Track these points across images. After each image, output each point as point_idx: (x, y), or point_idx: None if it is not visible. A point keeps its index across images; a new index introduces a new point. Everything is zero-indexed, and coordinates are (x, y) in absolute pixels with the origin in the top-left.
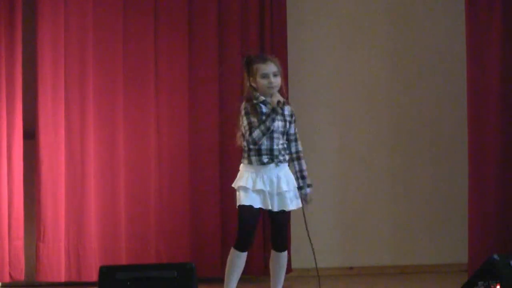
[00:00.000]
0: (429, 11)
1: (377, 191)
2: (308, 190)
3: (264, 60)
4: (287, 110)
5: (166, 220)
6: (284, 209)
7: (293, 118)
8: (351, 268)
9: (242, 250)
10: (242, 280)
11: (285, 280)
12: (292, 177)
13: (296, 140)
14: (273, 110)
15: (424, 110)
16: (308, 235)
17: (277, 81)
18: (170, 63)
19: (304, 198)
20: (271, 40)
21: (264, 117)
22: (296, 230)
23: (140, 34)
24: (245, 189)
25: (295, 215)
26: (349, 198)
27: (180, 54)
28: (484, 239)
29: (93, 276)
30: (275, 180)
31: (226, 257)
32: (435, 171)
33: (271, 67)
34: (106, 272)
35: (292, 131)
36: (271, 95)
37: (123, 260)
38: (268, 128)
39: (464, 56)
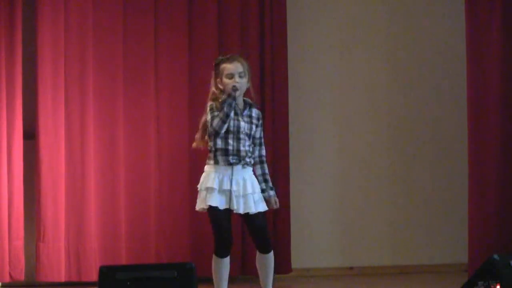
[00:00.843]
0: (429, 11)
1: (377, 191)
2: (271, 192)
3: (231, 60)
4: (254, 112)
5: (166, 220)
6: (249, 211)
7: (260, 122)
8: (351, 268)
9: (221, 256)
10: (241, 280)
11: (285, 280)
12: (256, 180)
13: (260, 145)
14: (229, 95)
15: (424, 110)
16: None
17: (242, 81)
18: (170, 63)
19: (269, 201)
20: (271, 40)
21: (224, 98)
22: (295, 231)
23: (140, 34)
24: (211, 189)
25: (295, 216)
26: (349, 198)
27: (180, 54)
28: (484, 239)
29: (93, 276)
30: (241, 182)
31: None
32: (435, 171)
33: (237, 67)
34: (106, 272)
35: (258, 135)
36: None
37: (123, 260)
38: (227, 115)
39: (464, 56)
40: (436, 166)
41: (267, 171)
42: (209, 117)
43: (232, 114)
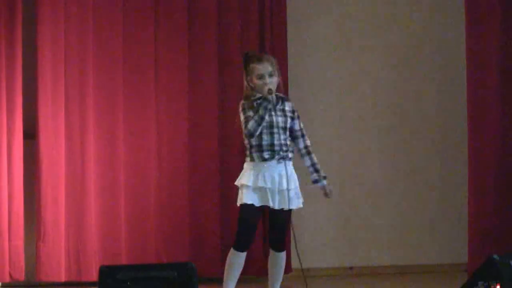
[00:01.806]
0: (429, 11)
1: (377, 191)
2: (324, 182)
3: (259, 61)
4: (287, 106)
5: (166, 220)
6: (284, 207)
7: (296, 114)
8: (351, 268)
9: (241, 250)
10: (242, 280)
11: (285, 280)
12: (295, 176)
13: (303, 136)
14: (265, 99)
15: (424, 110)
16: (294, 236)
17: (273, 81)
18: (170, 64)
19: (323, 191)
20: (271, 40)
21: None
22: (296, 231)
23: (140, 35)
24: (247, 187)
25: (295, 216)
26: (349, 198)
27: (180, 55)
28: (484, 239)
29: (93, 276)
30: (276, 177)
31: (226, 257)
32: (435, 171)
33: (266, 68)
34: (106, 272)
35: (296, 127)
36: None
37: (123, 260)
38: (262, 118)
39: (464, 56)
40: (436, 166)
41: (316, 160)
42: (242, 117)
43: (271, 107)
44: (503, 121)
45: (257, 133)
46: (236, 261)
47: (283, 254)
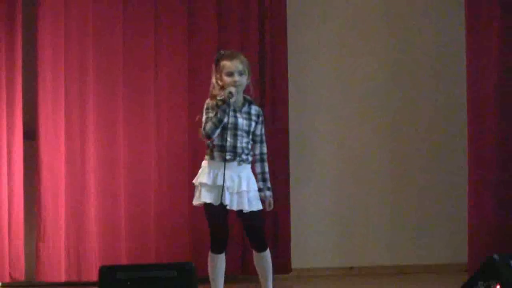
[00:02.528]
0: (429, 11)
1: (377, 191)
2: (268, 193)
3: (231, 58)
4: (253, 109)
5: (166, 220)
6: (242, 209)
7: (260, 119)
8: (351, 268)
9: (216, 252)
10: (242, 280)
11: (285, 280)
12: (254, 179)
13: (261, 142)
14: (223, 101)
15: (423, 111)
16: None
17: (242, 79)
18: (170, 63)
19: (264, 201)
20: (271, 40)
21: (219, 103)
22: (295, 231)
23: (140, 34)
24: (205, 185)
25: (295, 216)
26: (349, 198)
27: (180, 54)
28: (484, 239)
29: (93, 276)
30: (236, 178)
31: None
32: (435, 171)
33: (236, 65)
34: (106, 272)
35: (258, 132)
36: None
37: (123, 260)
38: (220, 120)
39: (464, 57)
40: (435, 166)
41: (267, 169)
42: (203, 117)
43: (229, 111)
44: (503, 121)
45: (214, 135)
46: (215, 263)
47: (266, 254)
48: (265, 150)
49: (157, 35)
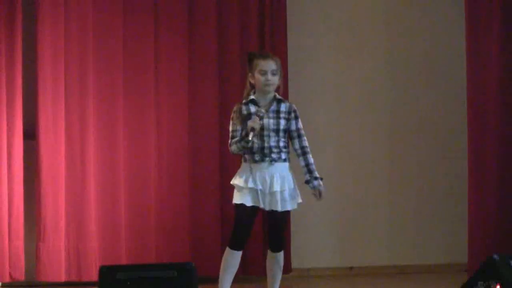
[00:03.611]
0: (429, 11)
1: (377, 191)
2: (315, 183)
3: (264, 57)
4: (283, 107)
5: (166, 220)
6: (274, 209)
7: (293, 114)
8: (351, 268)
9: (236, 249)
10: (242, 280)
11: (285, 280)
12: (289, 177)
13: (299, 136)
14: (246, 135)
15: (423, 110)
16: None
17: (274, 79)
18: (170, 63)
19: (313, 192)
20: (271, 40)
21: (243, 135)
22: (295, 231)
23: (140, 34)
24: (238, 187)
25: (295, 216)
26: (349, 198)
27: (180, 54)
28: (484, 239)
29: (93, 276)
30: (268, 179)
31: None
32: (435, 171)
33: (270, 65)
34: (106, 272)
35: (293, 127)
36: (256, 114)
37: (123, 260)
38: (244, 147)
39: (464, 56)
40: (435, 166)
41: (311, 161)
42: (230, 127)
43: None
44: (503, 121)
45: (240, 153)
46: (231, 260)
47: (281, 255)
48: (305, 143)
49: (157, 36)
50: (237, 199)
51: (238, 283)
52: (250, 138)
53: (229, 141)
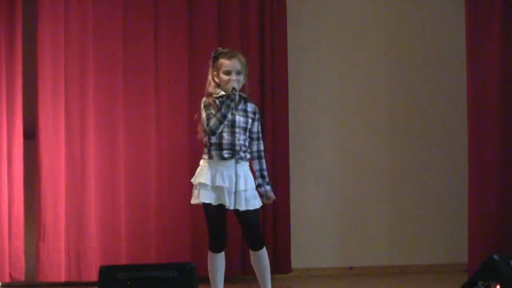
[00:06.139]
0: (429, 11)
1: (377, 191)
2: (267, 187)
3: (229, 57)
4: (250, 107)
5: (166, 220)
6: (239, 208)
7: (257, 116)
8: (351, 268)
9: (215, 251)
10: (241, 280)
11: (285, 280)
12: (251, 177)
13: (258, 139)
14: (228, 97)
15: (423, 110)
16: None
17: (239, 78)
18: (170, 63)
19: (264, 196)
20: (271, 40)
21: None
22: (295, 231)
23: (140, 34)
24: (204, 186)
25: (295, 216)
26: (349, 198)
27: (180, 54)
28: (484, 239)
29: (93, 276)
30: (234, 177)
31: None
32: (435, 171)
33: (235, 65)
34: (106, 272)
35: (255, 129)
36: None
37: (123, 260)
38: (224, 116)
39: (464, 56)
40: (436, 166)
41: (264, 166)
42: (204, 114)
43: (234, 106)
44: (503, 121)
45: (219, 131)
46: (216, 262)
47: (262, 252)
48: (262, 147)
49: (157, 35)
50: (203, 198)
51: (238, 283)
52: (235, 93)
53: (204, 123)
